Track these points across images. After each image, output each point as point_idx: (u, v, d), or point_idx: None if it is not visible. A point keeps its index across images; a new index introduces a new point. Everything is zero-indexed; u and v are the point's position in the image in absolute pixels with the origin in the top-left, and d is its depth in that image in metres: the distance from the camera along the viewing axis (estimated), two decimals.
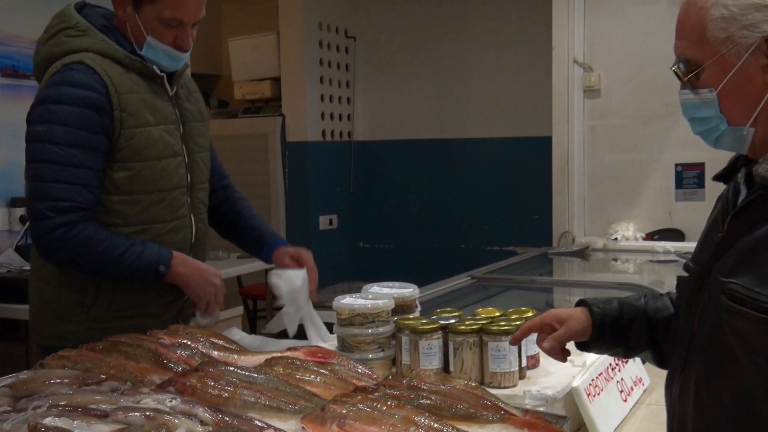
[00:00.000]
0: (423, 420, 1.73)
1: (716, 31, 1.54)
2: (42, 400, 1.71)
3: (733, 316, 1.51)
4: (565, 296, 4.65)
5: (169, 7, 2.46)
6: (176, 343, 2.20)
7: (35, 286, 2.61)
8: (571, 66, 5.93)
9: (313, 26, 7.11)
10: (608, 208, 5.95)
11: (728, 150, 1.65)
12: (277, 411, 1.81)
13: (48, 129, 2.40)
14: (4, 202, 4.58)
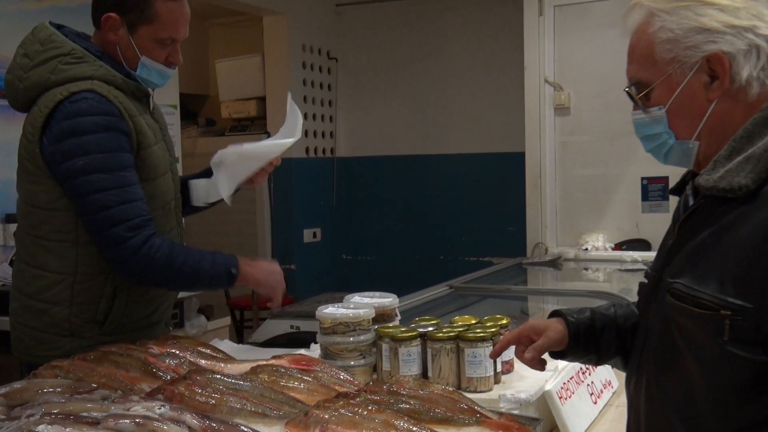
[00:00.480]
0: (402, 424, 1.73)
1: (663, 53, 1.57)
2: (35, 409, 1.69)
3: (677, 314, 1.53)
4: (539, 304, 4.64)
5: (165, 27, 2.45)
6: (165, 353, 2.20)
7: (38, 308, 2.50)
8: (542, 85, 5.96)
9: (296, 48, 7.11)
10: (579, 219, 5.96)
11: (676, 165, 1.68)
12: (263, 417, 1.82)
13: (90, 160, 2.34)
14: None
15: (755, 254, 1.40)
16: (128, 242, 2.34)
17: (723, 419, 1.47)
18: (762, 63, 1.52)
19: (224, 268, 2.50)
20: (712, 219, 1.52)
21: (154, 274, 2.42)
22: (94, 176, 2.34)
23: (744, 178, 1.46)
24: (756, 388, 1.41)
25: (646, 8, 1.60)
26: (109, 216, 2.34)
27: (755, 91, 1.53)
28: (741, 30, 1.51)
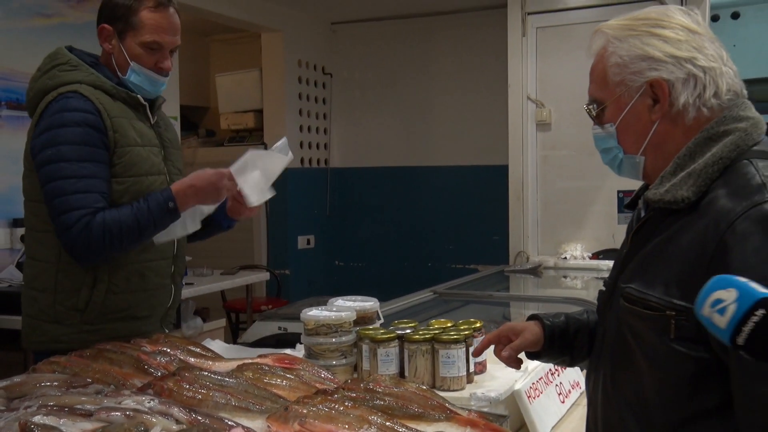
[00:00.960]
0: (376, 419, 1.75)
1: (613, 76, 1.65)
2: (33, 401, 1.72)
3: (629, 316, 1.59)
4: (520, 310, 4.64)
5: (149, 31, 2.53)
6: (157, 351, 2.21)
7: (30, 295, 2.59)
8: (525, 102, 6.03)
9: (292, 63, 7.13)
10: (559, 230, 6.02)
11: (628, 176, 1.74)
12: (246, 411, 1.83)
13: (58, 150, 2.41)
14: (6, 222, 4.58)
15: (696, 259, 1.46)
16: (72, 228, 2.39)
17: (669, 411, 1.52)
18: (698, 91, 1.58)
19: (162, 207, 2.45)
20: (660, 229, 1.58)
21: (101, 248, 2.42)
22: (58, 165, 2.41)
23: (686, 191, 1.52)
24: (698, 382, 1.47)
25: (605, 35, 1.68)
26: (62, 202, 2.40)
27: (691, 116, 1.60)
28: (681, 60, 1.59)
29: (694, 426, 1.50)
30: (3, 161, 4.54)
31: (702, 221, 1.48)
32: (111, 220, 2.40)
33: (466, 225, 7.13)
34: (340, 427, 1.72)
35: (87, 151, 2.44)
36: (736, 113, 1.60)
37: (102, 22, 2.59)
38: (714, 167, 1.53)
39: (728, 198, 1.47)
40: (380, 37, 7.37)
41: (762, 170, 1.49)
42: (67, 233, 2.40)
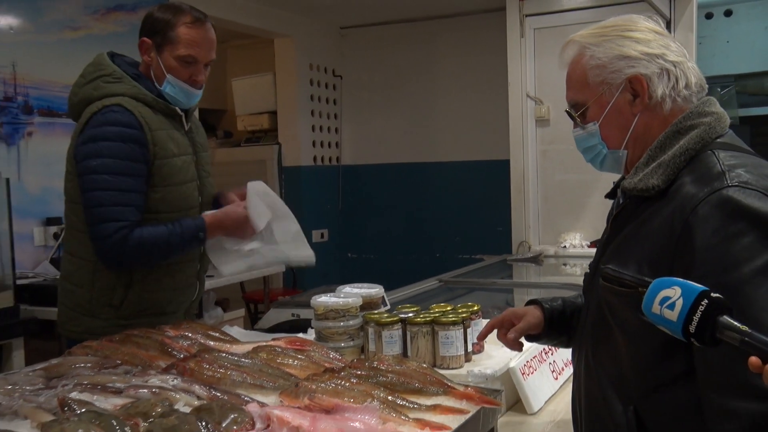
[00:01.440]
0: (379, 393, 1.82)
1: (594, 77, 1.71)
2: (69, 380, 1.80)
3: (607, 293, 1.66)
4: (523, 296, 4.62)
5: (184, 45, 2.56)
6: (179, 335, 2.27)
7: (68, 288, 2.64)
8: (525, 100, 6.04)
9: (304, 67, 7.16)
10: (558, 220, 6.04)
11: (609, 171, 1.81)
12: (260, 388, 1.89)
13: (102, 162, 2.45)
14: (40, 221, 4.62)
15: (665, 240, 1.54)
16: (110, 239, 2.44)
17: (642, 379, 1.60)
18: (672, 83, 1.67)
19: (192, 234, 2.55)
20: (635, 215, 1.66)
21: (131, 261, 2.51)
22: (102, 176, 2.46)
23: (656, 180, 1.61)
24: (666, 352, 1.54)
25: (578, 44, 1.75)
26: (102, 212, 2.45)
27: (668, 107, 1.68)
28: (653, 56, 1.68)
29: (665, 390, 1.57)
30: (37, 165, 4.61)
31: (670, 206, 1.56)
32: (147, 237, 2.48)
33: (471, 217, 7.15)
34: (346, 401, 1.77)
35: (128, 166, 2.48)
36: (701, 109, 1.68)
37: (142, 36, 2.61)
38: (681, 158, 1.61)
39: (692, 185, 1.55)
40: (387, 40, 7.40)
41: (723, 160, 1.57)
42: (103, 242, 2.46)
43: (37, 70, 4.71)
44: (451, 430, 1.71)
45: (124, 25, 5.26)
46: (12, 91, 4.60)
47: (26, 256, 4.48)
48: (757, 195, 1.48)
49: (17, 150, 4.58)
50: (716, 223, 1.47)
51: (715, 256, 1.46)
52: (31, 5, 4.74)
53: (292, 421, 1.64)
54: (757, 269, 1.43)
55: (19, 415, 1.67)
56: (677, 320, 1.27)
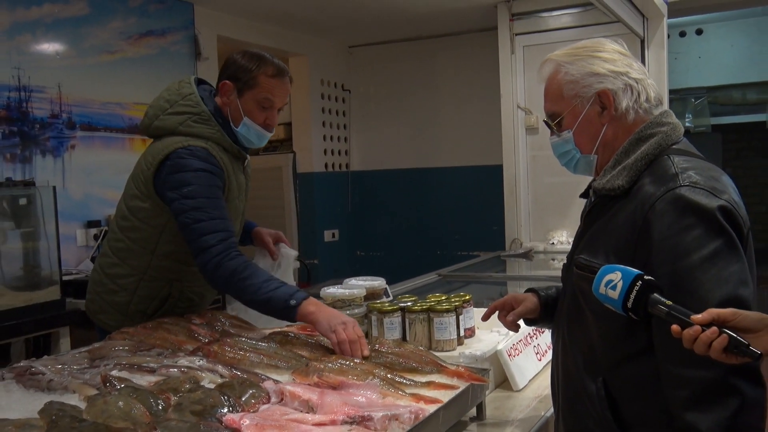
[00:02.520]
0: (379, 371, 1.90)
1: (568, 91, 1.79)
2: (109, 361, 1.89)
3: (579, 280, 1.73)
4: (515, 288, 4.61)
5: (264, 91, 2.51)
6: (204, 323, 2.36)
7: (110, 288, 2.61)
8: (515, 110, 6.05)
9: (316, 82, 7.16)
10: (547, 219, 6.04)
11: (582, 174, 1.89)
12: (275, 368, 1.97)
13: (195, 187, 2.39)
14: (82, 224, 4.69)
15: (628, 233, 1.62)
16: (213, 248, 2.35)
17: (609, 354, 1.68)
18: (635, 97, 1.76)
19: (284, 296, 2.27)
20: (603, 211, 1.74)
21: (222, 281, 2.35)
22: (197, 200, 2.39)
23: (621, 181, 1.69)
24: (629, 329, 1.62)
25: (555, 62, 1.83)
26: (202, 227, 2.37)
27: (632, 117, 1.77)
28: (619, 74, 1.76)
29: (629, 363, 1.65)
30: (79, 174, 4.70)
31: (632, 204, 1.64)
32: (251, 266, 2.36)
33: (468, 217, 7.13)
34: (350, 379, 1.85)
35: (216, 192, 2.45)
36: (660, 119, 1.77)
37: (224, 79, 2.55)
38: (642, 161, 1.70)
39: (651, 185, 1.64)
40: (390, 57, 7.40)
41: (677, 163, 1.65)
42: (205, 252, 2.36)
43: (79, 89, 4.79)
44: (443, 403, 1.77)
45: (155, 48, 5.33)
46: (57, 109, 4.69)
47: (70, 255, 4.55)
48: (705, 193, 1.57)
49: (62, 161, 4.68)
50: (670, 218, 1.56)
51: (670, 246, 1.55)
52: (74, 33, 4.82)
53: (303, 395, 1.70)
54: (705, 257, 1.52)
55: (68, 390, 1.74)
56: (618, 298, 1.43)
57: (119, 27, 5.12)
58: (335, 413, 1.60)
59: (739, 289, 1.51)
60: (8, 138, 4.41)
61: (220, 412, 1.56)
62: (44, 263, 4.01)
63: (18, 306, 3.80)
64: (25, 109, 4.52)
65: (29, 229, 3.98)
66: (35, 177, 4.42)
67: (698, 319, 1.36)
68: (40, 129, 4.60)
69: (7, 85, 4.41)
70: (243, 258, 2.38)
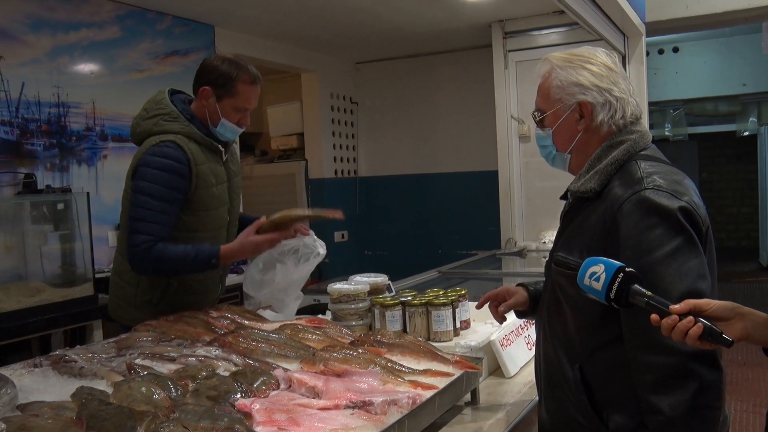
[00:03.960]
0: (380, 360, 1.89)
1: (554, 94, 1.78)
2: (134, 350, 1.90)
3: (557, 275, 1.73)
4: (509, 284, 4.68)
5: (242, 100, 2.59)
6: (220, 316, 2.36)
7: (119, 284, 2.68)
8: (509, 120, 6.05)
9: (326, 96, 7.17)
10: (539, 220, 6.03)
11: (558, 168, 1.88)
12: (285, 357, 1.97)
13: (148, 185, 2.47)
14: (113, 226, 4.71)
15: (599, 232, 1.63)
16: (137, 248, 2.46)
17: (586, 341, 1.68)
18: (611, 113, 1.74)
19: (206, 260, 2.49)
20: (578, 212, 1.74)
21: (149, 270, 2.51)
22: (143, 197, 2.48)
23: (593, 184, 1.68)
24: (603, 320, 1.62)
25: (550, 63, 1.80)
26: (139, 226, 2.47)
27: (605, 130, 1.76)
28: (602, 89, 1.75)
29: (602, 351, 1.65)
30: (111, 181, 4.76)
31: (603, 205, 1.64)
32: (166, 254, 2.47)
33: (466, 219, 7.13)
34: (353, 367, 1.84)
35: (168, 194, 2.50)
36: (630, 128, 1.76)
37: (203, 84, 2.60)
38: (612, 166, 1.69)
39: (619, 188, 1.64)
40: (395, 72, 7.41)
41: (643, 168, 1.66)
42: (132, 249, 2.48)
43: (111, 105, 4.84)
44: (439, 389, 1.76)
45: (179, 67, 5.38)
46: (92, 123, 4.75)
47: (102, 254, 4.57)
48: (667, 195, 1.57)
49: (95, 170, 4.74)
50: (635, 218, 1.57)
51: (635, 244, 1.56)
52: (106, 54, 4.87)
53: (309, 382, 1.71)
54: (666, 253, 1.53)
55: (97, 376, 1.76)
56: (601, 289, 1.42)
57: (147, 48, 5.16)
58: (339, 398, 1.60)
59: (698, 282, 1.52)
60: (48, 149, 4.46)
61: (233, 397, 1.57)
62: (79, 262, 4.06)
63: (56, 301, 3.85)
64: (63, 123, 4.57)
65: (66, 231, 4.04)
66: (71, 184, 4.48)
67: (676, 309, 1.36)
68: (77, 141, 4.64)
69: (48, 102, 4.46)
70: (159, 247, 2.47)
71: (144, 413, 1.36)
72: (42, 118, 4.42)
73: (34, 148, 4.36)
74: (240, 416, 1.43)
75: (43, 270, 3.94)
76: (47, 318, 3.77)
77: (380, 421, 1.52)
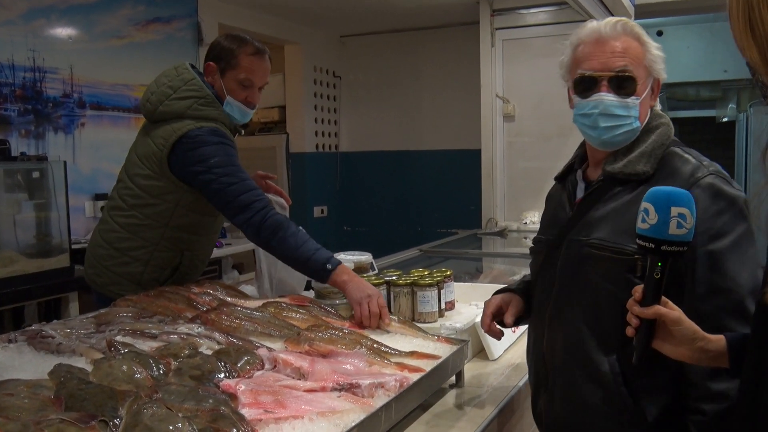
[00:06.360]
0: (366, 341, 1.88)
1: (648, 63, 1.69)
2: (114, 326, 1.85)
3: (596, 259, 1.63)
4: (490, 263, 4.70)
5: (244, 71, 2.48)
6: (202, 292, 2.31)
7: (123, 260, 2.55)
8: (494, 99, 6.04)
9: (309, 69, 7.12)
10: (521, 200, 6.05)
11: (619, 143, 1.71)
12: (269, 336, 1.93)
13: (220, 159, 2.37)
14: (90, 196, 4.66)
15: None
16: (255, 203, 2.32)
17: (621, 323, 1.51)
18: None
19: (322, 259, 2.28)
20: (611, 196, 1.67)
21: (267, 233, 2.31)
22: (225, 168, 2.36)
23: (644, 167, 1.64)
24: None
25: (636, 30, 1.70)
26: (238, 188, 2.34)
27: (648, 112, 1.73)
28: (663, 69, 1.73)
29: None
30: (88, 150, 4.66)
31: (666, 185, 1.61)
32: (291, 226, 2.33)
33: (448, 197, 7.12)
34: (339, 347, 1.82)
35: (235, 160, 2.41)
36: (656, 112, 1.75)
37: (208, 60, 2.54)
38: (659, 150, 1.67)
39: (679, 172, 1.61)
40: (379, 47, 7.35)
41: (692, 155, 1.66)
42: (246, 209, 2.34)
43: (90, 71, 4.74)
44: (426, 372, 1.75)
45: (161, 34, 5.26)
46: (69, 89, 4.63)
47: (79, 225, 4.51)
48: (728, 183, 1.58)
49: (72, 138, 4.62)
50: (705, 203, 1.54)
51: (705, 229, 1.52)
52: (86, 19, 4.76)
53: (295, 362, 1.69)
54: (733, 241, 1.53)
55: (76, 353, 1.71)
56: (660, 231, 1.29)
57: (128, 14, 5.03)
58: (325, 380, 1.58)
59: (757, 271, 1.51)
60: (23, 115, 4.35)
61: (217, 377, 1.54)
62: (55, 232, 3.99)
63: (30, 272, 3.78)
64: (39, 89, 4.45)
65: (41, 200, 3.96)
66: (47, 152, 4.36)
67: (646, 312, 1.30)
68: (53, 107, 4.53)
69: (23, 66, 4.35)
70: (283, 215, 2.37)
71: (126, 393, 1.32)
72: (16, 82, 4.31)
73: (7, 113, 4.26)
74: (225, 397, 1.39)
75: (17, 240, 3.86)
76: (21, 289, 3.70)
77: (367, 404, 1.50)
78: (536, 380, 1.85)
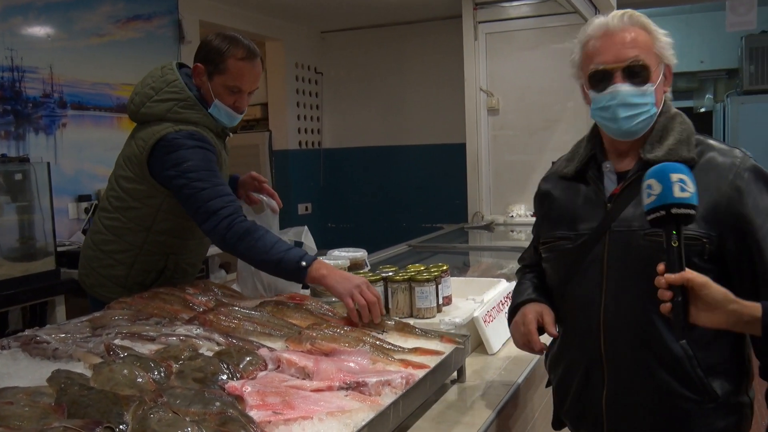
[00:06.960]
0: (367, 338, 1.86)
1: (658, 50, 1.71)
2: (110, 330, 1.81)
3: (654, 249, 1.55)
4: (478, 258, 4.68)
5: (232, 78, 2.39)
6: (199, 292, 2.28)
7: (108, 263, 2.50)
8: (478, 92, 6.04)
9: (291, 65, 7.08)
10: (507, 194, 6.06)
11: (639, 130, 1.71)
12: (269, 336, 1.91)
13: (192, 164, 2.29)
14: (73, 198, 4.59)
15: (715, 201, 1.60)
16: (222, 210, 2.24)
17: None
18: None
19: (295, 257, 2.17)
20: None
21: (233, 241, 2.22)
22: (198, 173, 2.29)
23: (689, 153, 1.66)
24: None
25: (643, 19, 1.72)
26: (208, 194, 2.27)
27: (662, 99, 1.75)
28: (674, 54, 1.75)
29: None
30: (70, 151, 4.59)
31: (709, 176, 1.62)
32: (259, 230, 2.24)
33: (432, 192, 7.12)
34: (342, 346, 1.80)
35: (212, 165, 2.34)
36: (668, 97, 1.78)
37: (197, 61, 2.44)
38: (692, 138, 1.69)
39: (723, 158, 1.65)
40: (361, 42, 7.32)
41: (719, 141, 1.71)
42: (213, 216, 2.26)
43: (70, 70, 4.65)
44: (430, 368, 1.73)
45: (141, 32, 5.18)
46: (49, 89, 4.55)
47: (63, 227, 4.44)
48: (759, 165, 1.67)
49: (54, 138, 4.54)
50: (760, 185, 1.62)
51: (762, 208, 1.59)
52: (65, 17, 4.67)
53: (299, 362, 1.66)
54: None
55: (73, 358, 1.68)
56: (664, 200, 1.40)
57: (108, 11, 4.96)
58: (331, 380, 1.56)
59: None
60: (3, 116, 4.26)
61: (220, 379, 1.51)
62: (39, 235, 3.92)
63: (15, 276, 3.71)
64: (18, 89, 4.37)
65: (24, 203, 3.89)
66: (29, 153, 4.27)
67: (671, 279, 1.36)
68: (33, 108, 4.45)
69: (0, 66, 4.26)
70: (251, 221, 2.28)
71: (130, 398, 1.28)
72: None
73: None
74: (232, 400, 1.36)
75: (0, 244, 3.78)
76: (6, 294, 3.63)
77: (376, 402, 1.48)
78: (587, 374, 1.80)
